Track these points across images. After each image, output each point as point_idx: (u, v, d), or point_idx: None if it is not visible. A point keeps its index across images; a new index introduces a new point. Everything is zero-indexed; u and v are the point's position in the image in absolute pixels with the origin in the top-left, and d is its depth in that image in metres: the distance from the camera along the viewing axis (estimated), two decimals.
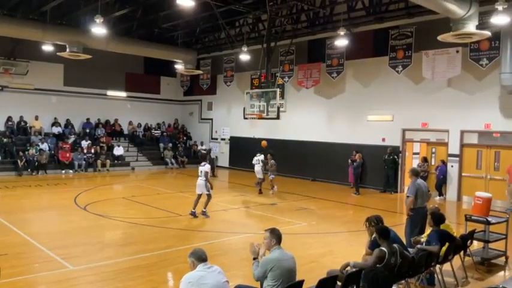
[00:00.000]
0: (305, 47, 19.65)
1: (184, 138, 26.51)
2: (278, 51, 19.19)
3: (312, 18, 18.48)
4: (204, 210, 11.37)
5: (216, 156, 24.36)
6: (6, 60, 20.82)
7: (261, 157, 15.74)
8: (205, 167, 11.34)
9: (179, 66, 22.78)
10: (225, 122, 24.47)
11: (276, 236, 4.96)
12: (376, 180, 16.99)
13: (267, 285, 4.71)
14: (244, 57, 18.81)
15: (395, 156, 16.44)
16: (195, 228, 10.26)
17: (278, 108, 16.20)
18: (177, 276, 6.57)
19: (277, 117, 16.51)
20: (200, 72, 23.80)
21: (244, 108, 17.20)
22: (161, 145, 24.69)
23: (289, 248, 5.18)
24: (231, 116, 23.79)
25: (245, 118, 17.33)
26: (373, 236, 5.75)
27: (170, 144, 24.49)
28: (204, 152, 16.80)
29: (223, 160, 24.35)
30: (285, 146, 20.40)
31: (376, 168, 16.86)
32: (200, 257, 4.36)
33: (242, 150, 22.78)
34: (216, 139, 25.16)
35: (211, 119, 25.59)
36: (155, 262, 7.60)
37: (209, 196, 11.35)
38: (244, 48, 18.27)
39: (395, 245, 5.47)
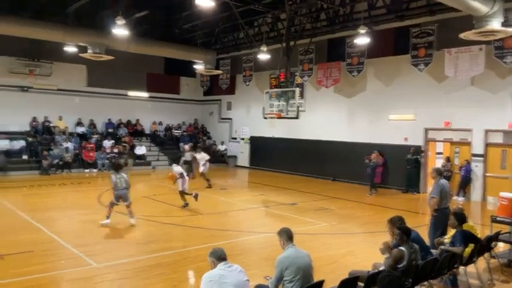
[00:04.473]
0: (325, 46, 19.52)
1: (204, 137, 26.67)
2: (297, 51, 19.11)
3: (331, 17, 18.34)
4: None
5: (236, 156, 24.58)
6: (30, 62, 21.34)
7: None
8: None
9: (199, 67, 22.94)
10: (244, 121, 24.51)
11: (284, 234, 4.92)
12: (399, 180, 16.74)
13: (285, 283, 4.71)
14: (263, 56, 18.78)
15: (418, 156, 16.18)
16: (216, 227, 10.30)
17: (297, 107, 16.09)
18: (197, 274, 6.63)
19: (297, 117, 16.39)
20: (219, 72, 23.91)
21: (263, 108, 17.18)
22: (181, 144, 24.87)
23: (309, 249, 5.16)
24: (250, 116, 23.81)
25: (264, 118, 17.29)
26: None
27: (190, 144, 24.62)
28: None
29: (243, 160, 24.42)
30: (305, 146, 20.34)
31: (398, 168, 16.61)
32: (220, 256, 4.39)
33: (262, 150, 22.81)
34: (235, 139, 25.23)
35: (231, 119, 25.69)
36: (176, 260, 7.67)
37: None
38: (264, 48, 18.24)
39: (414, 244, 5.43)
